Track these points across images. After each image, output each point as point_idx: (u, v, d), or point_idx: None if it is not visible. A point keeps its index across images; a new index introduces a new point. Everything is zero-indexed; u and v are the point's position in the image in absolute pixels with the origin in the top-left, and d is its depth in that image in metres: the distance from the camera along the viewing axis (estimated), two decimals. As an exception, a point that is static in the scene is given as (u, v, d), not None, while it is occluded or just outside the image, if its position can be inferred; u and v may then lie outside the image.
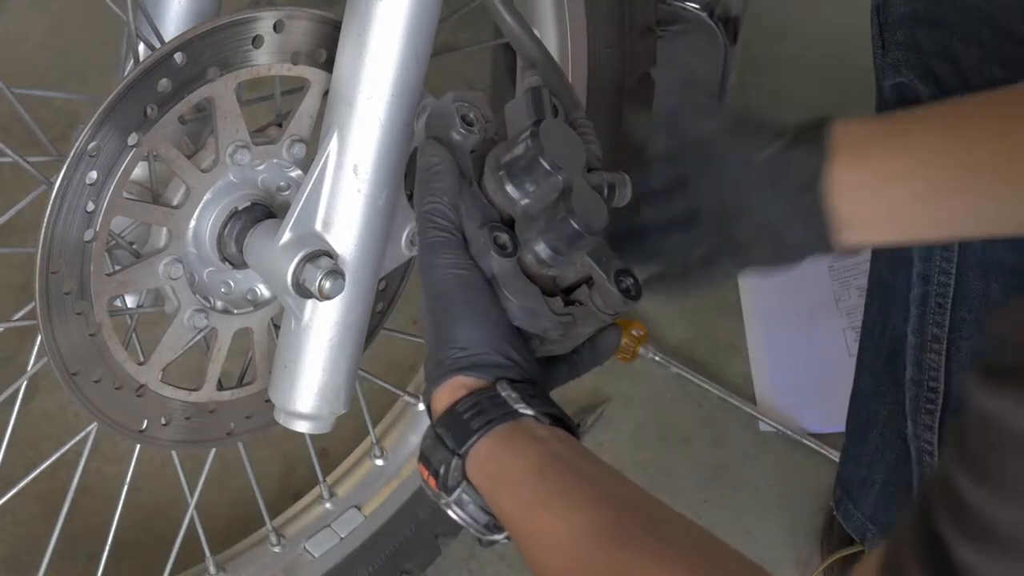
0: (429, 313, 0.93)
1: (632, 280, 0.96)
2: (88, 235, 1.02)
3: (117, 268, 1.08)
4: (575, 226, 0.92)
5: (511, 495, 0.86)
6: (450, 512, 0.90)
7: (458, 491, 0.89)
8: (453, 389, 0.91)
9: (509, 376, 0.91)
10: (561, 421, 0.91)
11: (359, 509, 1.41)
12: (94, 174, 1.00)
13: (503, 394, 0.89)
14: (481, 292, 0.92)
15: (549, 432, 0.89)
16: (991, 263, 1.12)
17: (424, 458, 0.91)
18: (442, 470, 0.89)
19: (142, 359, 1.11)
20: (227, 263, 1.09)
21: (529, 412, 0.89)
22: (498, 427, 0.88)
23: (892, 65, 1.10)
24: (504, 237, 0.93)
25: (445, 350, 0.91)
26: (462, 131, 0.96)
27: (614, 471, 0.87)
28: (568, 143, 0.95)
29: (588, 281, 0.96)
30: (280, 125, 1.10)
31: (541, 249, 0.93)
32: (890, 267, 1.22)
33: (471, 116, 0.97)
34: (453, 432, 0.89)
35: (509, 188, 0.94)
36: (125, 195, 1.03)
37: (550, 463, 0.86)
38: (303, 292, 1.02)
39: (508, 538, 0.90)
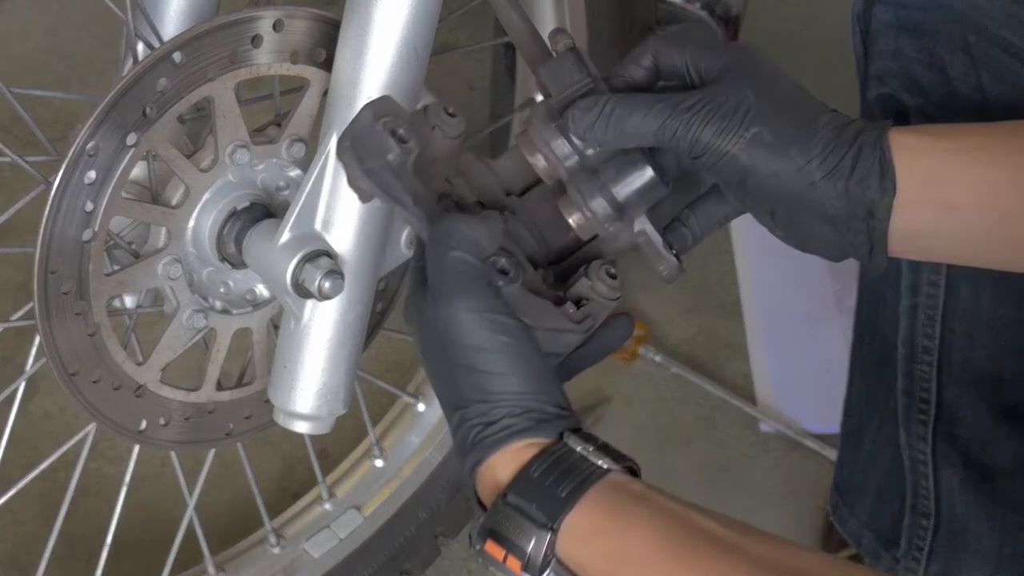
0: (456, 365, 0.82)
1: (674, 251, 0.91)
2: (87, 235, 1.02)
3: (116, 268, 1.08)
4: (651, 172, 0.85)
5: None
6: None
7: (548, 572, 0.78)
8: (515, 452, 0.80)
9: (570, 426, 0.81)
10: (629, 465, 0.82)
11: (359, 510, 1.41)
12: (93, 174, 1.00)
13: (577, 449, 0.80)
14: (517, 334, 0.81)
15: (641, 485, 0.80)
16: (980, 274, 1.09)
17: (499, 536, 0.78)
18: (531, 548, 0.77)
19: (141, 359, 1.11)
20: (226, 263, 1.09)
21: (614, 467, 0.80)
22: (589, 491, 0.78)
23: (876, 75, 1.07)
24: (502, 261, 0.85)
25: (492, 409, 0.81)
26: (398, 150, 0.86)
27: (723, 516, 0.80)
28: None
29: (582, 270, 0.89)
30: (279, 125, 1.10)
31: (600, 206, 0.86)
32: (879, 277, 1.20)
33: (401, 131, 0.87)
34: (536, 502, 0.78)
35: (574, 138, 0.86)
36: (124, 195, 1.03)
37: (669, 529, 0.77)
38: (302, 292, 1.02)
39: None
